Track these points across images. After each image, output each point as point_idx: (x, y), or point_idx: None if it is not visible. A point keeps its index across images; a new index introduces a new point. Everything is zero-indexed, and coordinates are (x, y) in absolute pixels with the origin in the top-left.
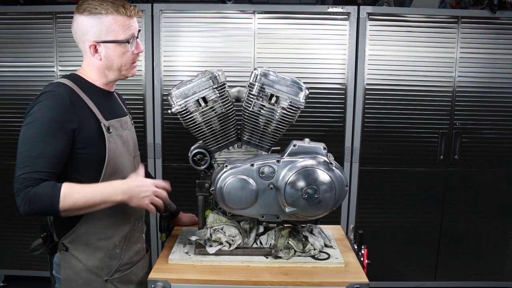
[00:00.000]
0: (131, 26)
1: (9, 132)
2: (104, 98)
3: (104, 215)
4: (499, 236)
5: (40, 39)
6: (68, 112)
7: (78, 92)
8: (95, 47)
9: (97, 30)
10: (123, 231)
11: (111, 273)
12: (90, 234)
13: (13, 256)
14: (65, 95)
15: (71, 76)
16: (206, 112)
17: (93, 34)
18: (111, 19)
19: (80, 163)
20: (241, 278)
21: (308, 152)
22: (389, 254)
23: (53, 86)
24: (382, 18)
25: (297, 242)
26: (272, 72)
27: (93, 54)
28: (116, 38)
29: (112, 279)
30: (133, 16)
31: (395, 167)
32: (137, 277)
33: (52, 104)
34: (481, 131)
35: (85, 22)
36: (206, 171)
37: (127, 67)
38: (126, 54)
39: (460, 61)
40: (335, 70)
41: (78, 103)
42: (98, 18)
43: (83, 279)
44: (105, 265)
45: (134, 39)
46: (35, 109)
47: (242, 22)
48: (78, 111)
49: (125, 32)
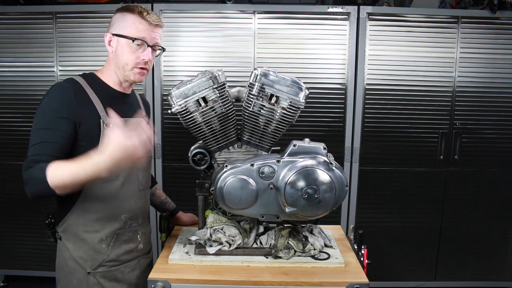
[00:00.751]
0: (145, 32)
1: (9, 132)
2: (114, 98)
3: (94, 209)
4: (499, 236)
5: (40, 39)
6: (70, 104)
7: (85, 88)
8: (110, 40)
9: (117, 24)
10: (111, 227)
11: (95, 266)
12: (78, 225)
13: (13, 256)
14: (71, 88)
15: (87, 74)
16: (206, 112)
17: (114, 27)
18: (131, 18)
19: (79, 153)
20: (241, 278)
21: (308, 152)
22: (389, 254)
23: (64, 81)
24: (382, 18)
25: (297, 242)
26: (272, 72)
27: (108, 46)
28: (127, 34)
29: (95, 272)
30: (153, 23)
31: (395, 167)
32: (124, 276)
33: (57, 96)
34: (481, 131)
35: (115, 17)
36: (206, 171)
37: (129, 68)
38: (132, 55)
39: (460, 61)
40: (335, 70)
41: (83, 98)
42: (123, 15)
43: (69, 268)
44: (90, 258)
45: (144, 44)
46: (43, 101)
47: (242, 22)
48: (82, 105)
49: (138, 33)
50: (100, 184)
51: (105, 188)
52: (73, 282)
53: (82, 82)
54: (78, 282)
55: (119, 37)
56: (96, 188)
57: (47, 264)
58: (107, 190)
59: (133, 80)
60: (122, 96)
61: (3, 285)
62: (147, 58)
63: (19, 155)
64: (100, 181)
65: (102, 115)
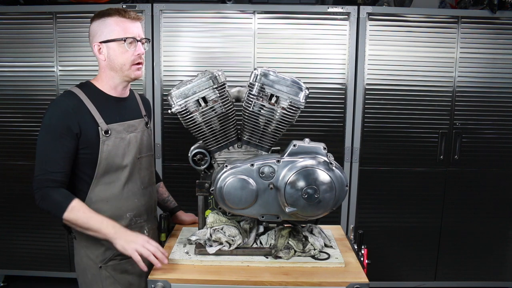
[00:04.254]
0: (131, 29)
1: (9, 132)
2: (110, 104)
3: (100, 210)
4: (499, 236)
5: (40, 39)
6: (70, 118)
7: (83, 99)
8: (99, 48)
9: (101, 31)
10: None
11: (106, 261)
12: None
13: (13, 256)
14: (69, 102)
15: (84, 84)
16: (206, 112)
17: (98, 36)
18: (112, 21)
19: (81, 161)
20: (241, 278)
21: (308, 152)
22: (389, 254)
23: (62, 95)
24: (382, 18)
25: (297, 242)
26: (272, 72)
27: (99, 55)
28: (116, 37)
29: (106, 266)
30: (134, 19)
31: (395, 167)
32: (134, 268)
33: (56, 112)
34: (481, 131)
35: (93, 26)
36: (206, 171)
37: (127, 67)
38: (126, 54)
39: (460, 61)
40: (335, 70)
41: (82, 109)
42: (102, 21)
43: (84, 264)
44: (100, 253)
45: (135, 40)
46: (45, 118)
47: (242, 22)
48: (81, 116)
49: (124, 32)
50: (103, 186)
51: (108, 190)
52: (88, 277)
53: (79, 93)
54: (92, 276)
55: (108, 43)
56: (99, 190)
57: (47, 264)
58: (110, 191)
59: (134, 77)
60: (120, 100)
61: (3, 285)
62: (141, 52)
63: (19, 155)
64: (102, 184)
65: (100, 123)
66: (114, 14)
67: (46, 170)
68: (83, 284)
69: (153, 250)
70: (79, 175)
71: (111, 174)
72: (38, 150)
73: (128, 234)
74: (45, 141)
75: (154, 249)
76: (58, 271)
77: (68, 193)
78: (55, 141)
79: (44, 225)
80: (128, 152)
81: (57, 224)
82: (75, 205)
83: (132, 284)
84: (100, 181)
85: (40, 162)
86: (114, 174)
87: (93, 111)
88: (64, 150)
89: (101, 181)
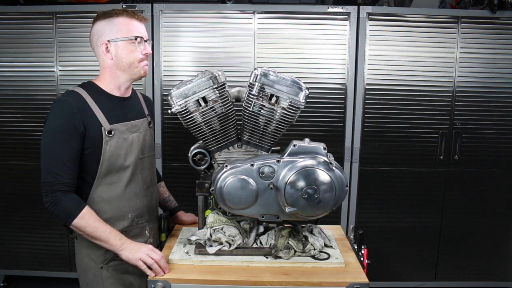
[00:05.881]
0: (139, 28)
1: (9, 132)
2: (114, 104)
3: (102, 211)
4: (499, 236)
5: (40, 39)
6: (75, 117)
7: (86, 99)
8: (107, 47)
9: (109, 30)
10: (119, 226)
11: (107, 261)
12: None
13: (13, 256)
14: (73, 102)
15: (86, 83)
16: (206, 112)
17: (106, 35)
18: (121, 20)
19: (84, 161)
20: (241, 278)
21: (308, 152)
22: (389, 254)
23: (65, 95)
24: (382, 18)
25: (297, 242)
26: (272, 72)
27: (105, 54)
28: (126, 35)
29: (107, 267)
30: (141, 21)
31: (395, 167)
32: (134, 268)
33: (60, 112)
34: (481, 131)
35: (99, 25)
36: (206, 171)
37: (136, 65)
38: (134, 53)
39: (460, 61)
40: (335, 70)
41: (85, 109)
42: (110, 20)
43: (85, 264)
44: (101, 254)
45: (142, 40)
46: (48, 118)
47: (242, 22)
48: (85, 116)
49: (133, 32)
50: (105, 187)
51: (110, 190)
52: (89, 277)
53: (82, 92)
54: (93, 276)
55: (117, 42)
56: (101, 191)
57: (47, 264)
58: (112, 191)
59: (143, 74)
60: (122, 100)
61: (3, 285)
62: (149, 52)
63: (19, 155)
64: (104, 184)
65: (103, 123)
66: (122, 14)
67: (54, 172)
68: (84, 284)
69: (157, 258)
70: (81, 175)
71: (113, 174)
72: (44, 152)
73: (133, 244)
74: (51, 142)
75: (158, 258)
76: (58, 271)
77: (80, 200)
78: (61, 143)
79: (44, 225)
80: (131, 153)
81: (57, 224)
82: (85, 213)
83: (133, 284)
84: (102, 181)
85: (47, 165)
86: (117, 174)
87: (96, 111)
88: (71, 151)
89: (103, 182)
